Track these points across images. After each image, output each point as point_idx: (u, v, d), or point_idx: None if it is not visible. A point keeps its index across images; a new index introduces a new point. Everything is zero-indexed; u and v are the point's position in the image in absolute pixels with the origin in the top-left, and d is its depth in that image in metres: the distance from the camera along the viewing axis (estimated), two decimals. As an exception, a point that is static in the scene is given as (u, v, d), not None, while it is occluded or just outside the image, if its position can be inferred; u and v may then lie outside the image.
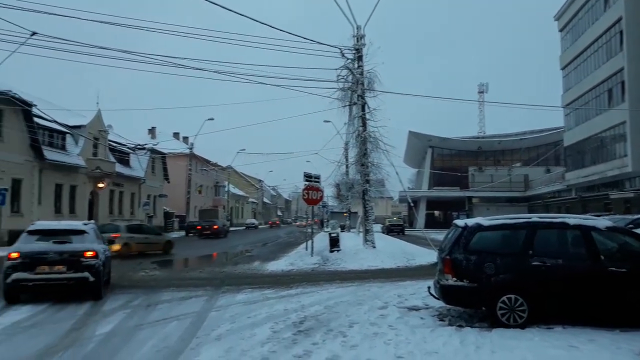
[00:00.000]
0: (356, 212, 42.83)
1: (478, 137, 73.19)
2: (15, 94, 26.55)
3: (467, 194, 60.04)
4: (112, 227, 22.52)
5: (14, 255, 9.92)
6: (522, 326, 7.21)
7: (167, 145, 51.13)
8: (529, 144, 62.62)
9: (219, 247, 28.48)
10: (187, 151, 51.43)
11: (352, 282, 12.85)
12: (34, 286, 9.95)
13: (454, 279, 7.64)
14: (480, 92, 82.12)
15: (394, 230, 45.86)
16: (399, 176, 21.23)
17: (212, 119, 44.45)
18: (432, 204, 63.98)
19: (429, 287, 8.58)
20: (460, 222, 8.43)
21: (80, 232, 10.82)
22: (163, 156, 48.99)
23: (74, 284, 10.05)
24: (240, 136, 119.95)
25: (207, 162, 61.89)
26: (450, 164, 64.73)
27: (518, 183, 58.00)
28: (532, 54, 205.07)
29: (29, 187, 29.10)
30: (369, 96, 20.25)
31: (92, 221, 14.09)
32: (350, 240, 27.03)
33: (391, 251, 20.57)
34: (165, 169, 50.00)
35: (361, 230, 25.60)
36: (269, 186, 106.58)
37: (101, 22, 16.35)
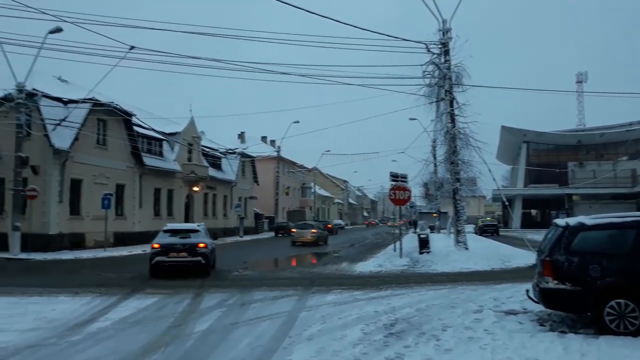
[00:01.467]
0: (446, 212, 41.76)
1: (577, 130, 68.50)
2: (117, 105, 28.59)
3: (567, 191, 56.36)
4: (309, 225, 33.29)
5: (156, 245, 14.75)
6: (635, 334, 6.61)
7: (256, 149, 52.85)
8: (636, 135, 57.68)
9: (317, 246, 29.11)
10: (275, 154, 52.83)
11: (444, 284, 12.49)
12: (168, 266, 14.58)
13: (555, 281, 7.16)
14: (579, 82, 76.67)
15: (488, 230, 44.21)
16: (491, 174, 20.36)
17: (297, 122, 45.32)
18: (528, 202, 60.82)
19: (527, 291, 8.11)
20: (560, 222, 7.89)
21: (196, 231, 15.58)
22: (252, 159, 50.66)
23: (192, 265, 14.57)
24: (326, 137, 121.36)
25: (294, 164, 63.21)
26: (547, 159, 61.11)
27: (624, 178, 53.56)
28: (637, 38, 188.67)
29: (131, 191, 31.21)
30: (457, 91, 19.64)
31: (203, 223, 18.54)
32: (441, 241, 26.37)
33: (485, 253, 19.80)
34: (254, 172, 51.65)
35: (452, 231, 24.89)
36: (354, 187, 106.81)
37: (194, 33, 17.24)
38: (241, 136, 63.24)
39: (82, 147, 26.41)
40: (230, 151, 45.82)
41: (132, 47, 16.56)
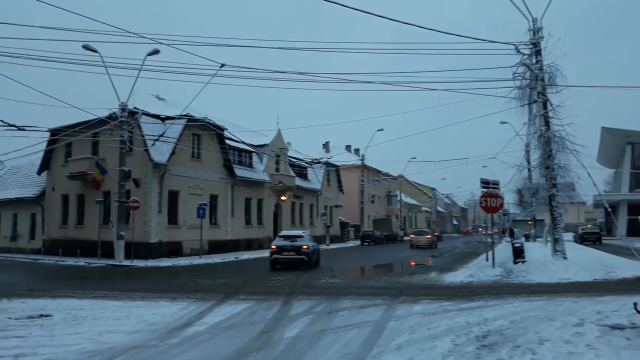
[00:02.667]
0: (542, 220, 39.67)
1: (691, 129, 62.26)
2: (210, 120, 30.06)
3: (680, 196, 51.38)
4: (425, 232, 42.02)
5: (274, 247, 20.42)
6: None
7: (340, 158, 53.24)
8: None
9: (400, 255, 28.71)
10: (359, 162, 52.89)
11: (540, 295, 11.81)
12: (282, 261, 20.06)
13: (669, 295, 6.55)
14: (691, 77, 69.83)
15: (589, 239, 41.34)
16: (591, 178, 18.98)
17: (381, 130, 45.15)
18: (634, 208, 55.99)
19: (635, 304, 7.48)
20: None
21: (301, 236, 20.90)
22: (337, 168, 51.11)
23: (298, 261, 19.90)
24: (411, 144, 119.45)
25: (379, 172, 62.91)
26: (657, 161, 56.04)
27: None
28: None
29: (224, 201, 32.58)
30: (550, 92, 18.58)
31: (308, 231, 24.68)
32: (537, 250, 25.10)
33: (586, 262, 18.50)
34: (339, 181, 52.05)
35: (549, 239, 23.53)
36: (442, 194, 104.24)
37: (280, 48, 17.83)
38: (326, 146, 64.06)
39: (178, 160, 28.02)
40: (315, 161, 46.55)
41: (223, 65, 17.29)
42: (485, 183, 19.81)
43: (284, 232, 22.59)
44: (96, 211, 27.32)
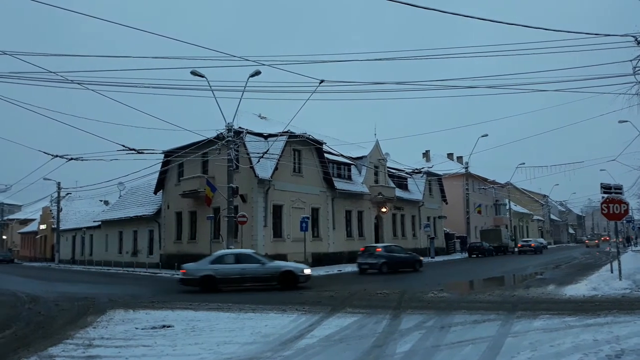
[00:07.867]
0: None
1: None
2: (310, 135, 30.71)
3: None
4: (594, 238, 73.76)
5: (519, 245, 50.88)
6: None
7: (442, 166, 51.92)
8: None
9: (510, 267, 27.30)
10: (463, 171, 51.16)
11: (682, 311, 10.56)
12: (522, 251, 47.89)
13: None
14: None
15: None
16: None
17: (486, 135, 43.35)
18: None
19: None
20: None
21: (532, 240, 51.07)
22: (439, 178, 49.80)
23: (529, 251, 47.62)
24: (519, 150, 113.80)
25: (484, 180, 60.42)
26: None
27: None
28: None
29: (325, 214, 32.98)
30: (679, 85, 16.77)
31: (541, 238, 47.02)
32: (670, 260, 22.63)
33: None
34: (442, 190, 50.64)
35: (683, 247, 21.13)
36: (555, 201, 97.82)
37: (376, 60, 17.76)
38: (426, 155, 62.84)
39: (281, 175, 28.89)
40: (415, 171, 45.75)
41: (322, 81, 17.44)
42: (606, 188, 18.23)
43: (522, 240, 44.94)
44: (207, 226, 28.85)
